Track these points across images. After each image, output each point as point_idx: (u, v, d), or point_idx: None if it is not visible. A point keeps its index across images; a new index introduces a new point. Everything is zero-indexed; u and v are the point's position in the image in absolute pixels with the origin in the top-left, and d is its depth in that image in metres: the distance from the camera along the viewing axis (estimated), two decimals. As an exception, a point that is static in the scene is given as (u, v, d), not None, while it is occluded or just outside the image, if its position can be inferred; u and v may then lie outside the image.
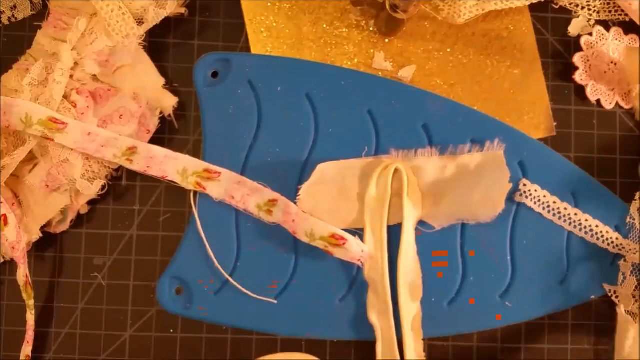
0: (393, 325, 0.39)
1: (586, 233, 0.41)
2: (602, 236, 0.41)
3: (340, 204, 0.40)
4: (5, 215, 0.39)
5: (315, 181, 0.40)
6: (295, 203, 0.40)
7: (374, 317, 0.40)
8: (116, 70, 0.42)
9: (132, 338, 0.43)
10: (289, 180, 0.41)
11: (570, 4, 0.45)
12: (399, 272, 0.39)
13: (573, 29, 0.45)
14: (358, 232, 0.40)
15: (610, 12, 0.45)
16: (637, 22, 0.44)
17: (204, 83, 0.41)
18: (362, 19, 0.45)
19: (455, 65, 0.45)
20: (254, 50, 0.44)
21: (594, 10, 0.45)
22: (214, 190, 0.40)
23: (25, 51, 0.42)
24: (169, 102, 0.42)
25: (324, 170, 0.40)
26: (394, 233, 0.40)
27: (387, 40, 0.45)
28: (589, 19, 0.45)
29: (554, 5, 0.45)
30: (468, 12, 0.43)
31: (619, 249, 0.41)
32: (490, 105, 0.44)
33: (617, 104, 0.45)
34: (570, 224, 0.41)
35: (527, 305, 0.41)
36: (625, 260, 0.41)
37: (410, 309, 0.40)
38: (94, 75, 0.42)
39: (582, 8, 0.45)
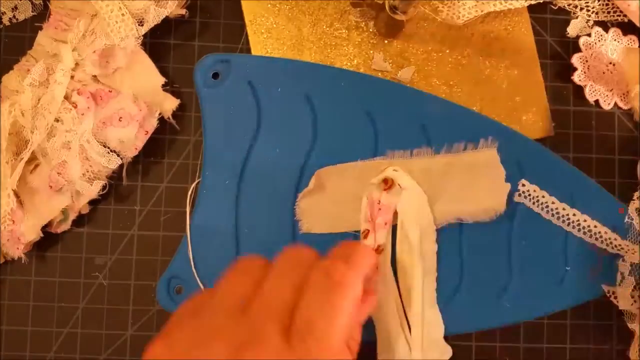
0: (398, 325, 0.39)
1: (585, 233, 0.41)
2: (601, 236, 0.41)
3: (339, 208, 0.41)
4: None
5: (313, 187, 0.40)
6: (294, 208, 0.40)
7: (376, 317, 0.40)
8: (115, 71, 0.42)
9: (132, 337, 0.43)
10: (288, 180, 0.41)
11: (569, 5, 0.46)
12: (399, 271, 0.40)
13: (572, 30, 0.46)
14: (359, 235, 0.40)
15: (609, 12, 0.46)
16: (636, 23, 0.45)
17: (205, 84, 0.41)
18: (362, 20, 0.45)
19: (454, 66, 0.45)
20: (254, 51, 0.44)
21: (593, 11, 0.45)
22: None
23: (26, 52, 0.42)
24: (170, 105, 0.42)
25: (322, 176, 0.40)
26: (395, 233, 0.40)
27: (386, 42, 0.45)
28: (588, 20, 0.46)
29: (552, 6, 0.46)
30: (467, 14, 0.43)
31: (618, 249, 0.41)
32: (489, 106, 0.45)
33: (615, 104, 0.45)
34: (568, 224, 0.41)
35: (526, 305, 0.41)
36: (623, 260, 0.41)
37: (413, 307, 0.40)
38: (95, 76, 0.42)
39: (581, 9, 0.46)
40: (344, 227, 0.41)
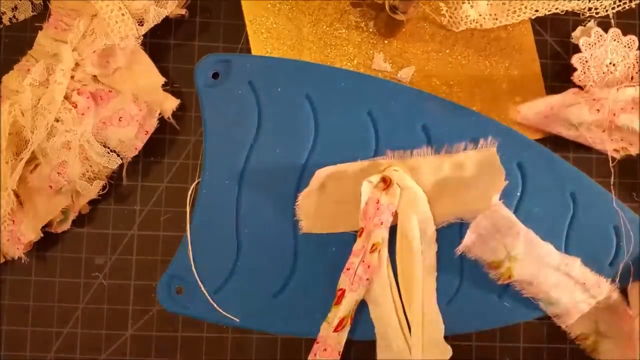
0: (397, 324, 0.39)
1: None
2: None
3: (340, 208, 0.41)
4: None
5: (313, 187, 0.40)
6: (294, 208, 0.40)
7: (375, 316, 0.40)
8: (115, 71, 0.42)
9: (132, 337, 0.43)
10: (288, 180, 0.41)
11: (581, 10, 0.45)
12: (399, 271, 0.40)
13: (579, 33, 0.45)
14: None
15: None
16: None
17: (205, 84, 0.41)
18: (362, 20, 0.45)
19: (454, 66, 0.45)
20: (254, 51, 0.44)
21: (603, 11, 0.45)
22: None
23: (27, 52, 0.42)
24: (170, 104, 0.42)
25: (322, 176, 0.40)
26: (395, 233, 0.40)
27: (386, 42, 0.45)
28: (594, 18, 0.45)
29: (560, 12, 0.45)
30: (466, 25, 0.44)
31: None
32: (489, 106, 0.45)
33: (615, 104, 0.45)
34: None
35: (526, 305, 0.41)
36: None
37: (413, 307, 0.40)
38: (95, 76, 0.42)
39: (589, 9, 0.45)
40: (344, 227, 0.41)
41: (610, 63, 0.45)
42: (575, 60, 0.45)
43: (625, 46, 0.46)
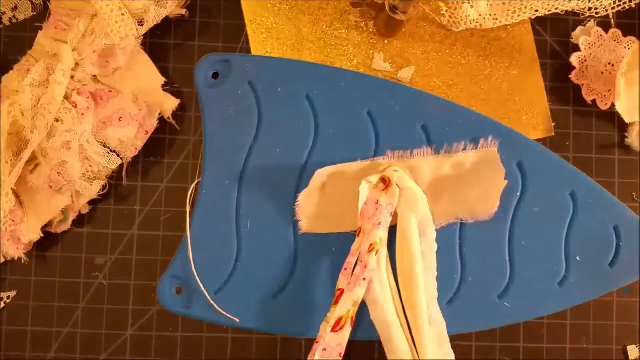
0: (398, 325, 0.39)
1: None
2: None
3: (339, 208, 0.41)
4: None
5: (313, 187, 0.40)
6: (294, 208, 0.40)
7: (375, 317, 0.40)
8: (115, 71, 0.42)
9: (132, 337, 0.43)
10: (288, 180, 0.41)
11: (581, 10, 0.45)
12: (399, 271, 0.40)
13: (578, 33, 0.45)
14: (358, 232, 0.40)
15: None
16: None
17: (205, 84, 0.41)
18: (362, 20, 0.45)
19: (454, 66, 0.45)
20: (254, 51, 0.44)
21: (603, 11, 0.45)
22: None
23: (26, 52, 0.42)
24: (170, 104, 0.42)
25: (322, 176, 0.40)
26: (395, 234, 0.40)
27: (386, 42, 0.45)
28: (594, 18, 0.46)
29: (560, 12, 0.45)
30: (466, 25, 0.44)
31: None
32: (489, 106, 0.45)
33: (613, 104, 0.45)
34: None
35: (526, 306, 0.41)
36: None
37: (414, 307, 0.40)
38: (94, 76, 0.42)
39: (589, 9, 0.45)
40: (343, 227, 0.41)
41: (609, 63, 0.45)
42: (574, 59, 0.45)
43: (625, 47, 0.46)
